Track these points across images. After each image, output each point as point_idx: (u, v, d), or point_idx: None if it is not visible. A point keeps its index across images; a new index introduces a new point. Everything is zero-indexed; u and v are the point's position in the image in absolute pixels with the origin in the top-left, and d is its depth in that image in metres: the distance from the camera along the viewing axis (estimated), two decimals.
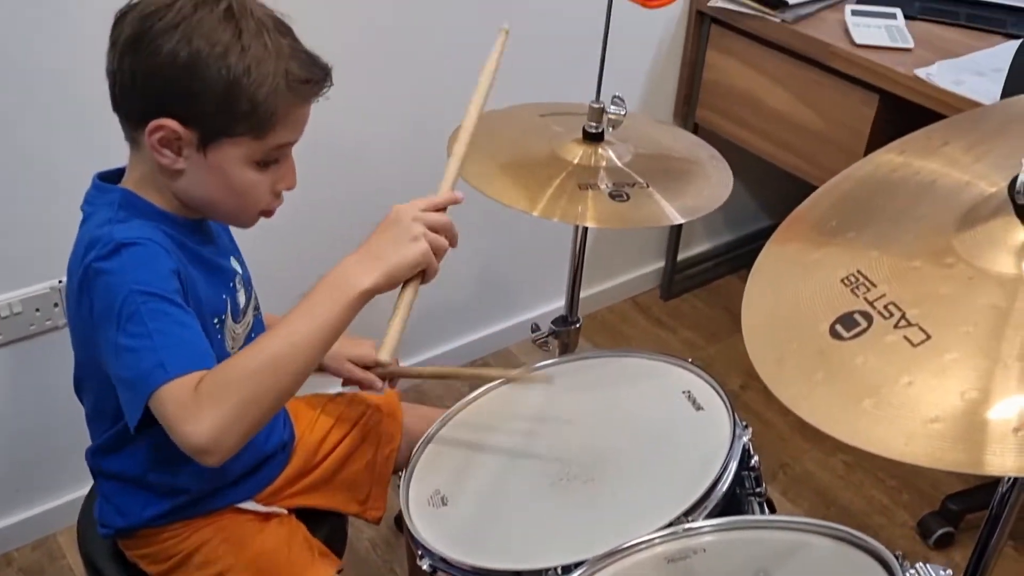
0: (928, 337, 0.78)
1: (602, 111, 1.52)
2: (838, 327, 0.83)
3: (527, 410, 1.42)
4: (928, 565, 1.07)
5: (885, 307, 0.82)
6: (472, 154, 1.47)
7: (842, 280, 0.86)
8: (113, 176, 1.17)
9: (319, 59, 1.14)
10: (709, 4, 2.27)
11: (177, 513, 1.27)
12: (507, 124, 1.61)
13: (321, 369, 1.44)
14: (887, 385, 0.77)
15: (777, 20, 2.15)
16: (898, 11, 2.16)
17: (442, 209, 1.14)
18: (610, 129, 1.53)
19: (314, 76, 1.12)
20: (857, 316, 0.83)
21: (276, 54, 1.08)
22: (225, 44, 1.05)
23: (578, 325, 1.73)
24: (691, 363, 1.43)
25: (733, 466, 1.24)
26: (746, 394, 2.38)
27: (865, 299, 0.84)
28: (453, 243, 1.13)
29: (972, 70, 1.94)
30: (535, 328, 1.71)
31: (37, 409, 1.83)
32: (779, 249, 0.97)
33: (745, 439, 1.28)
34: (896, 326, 0.80)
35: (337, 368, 1.44)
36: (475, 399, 1.45)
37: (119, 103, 1.10)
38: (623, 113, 1.50)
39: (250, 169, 1.12)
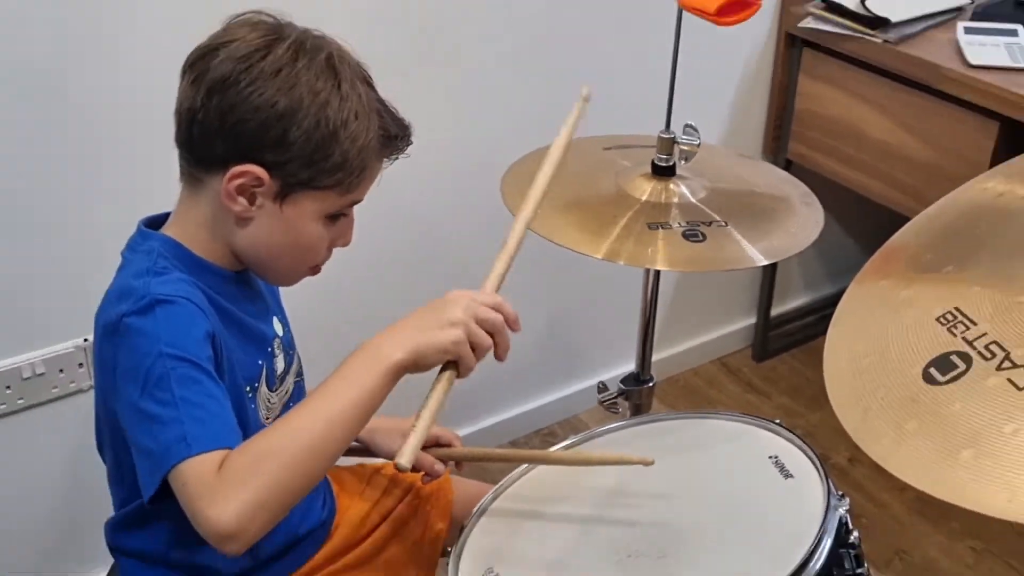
0: None
1: (673, 141, 1.54)
2: (932, 371, 0.83)
3: (589, 479, 1.42)
4: None
5: (986, 347, 0.82)
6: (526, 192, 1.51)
7: (938, 319, 0.87)
8: (159, 221, 1.23)
9: (400, 115, 1.21)
10: (800, 25, 2.30)
11: None
12: (567, 159, 1.64)
13: (371, 452, 1.48)
14: (988, 434, 0.77)
15: (879, 41, 2.17)
16: (1019, 27, 2.16)
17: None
18: (683, 162, 1.55)
19: (399, 132, 1.20)
20: (954, 358, 0.83)
21: (370, 108, 1.16)
22: (326, 96, 1.12)
23: (651, 384, 1.74)
24: (779, 425, 1.42)
25: (828, 542, 1.21)
26: (856, 469, 2.36)
27: (964, 339, 0.84)
28: (500, 351, 1.14)
29: None
30: (602, 388, 1.72)
31: (60, 480, 1.90)
32: (866, 288, 0.98)
33: (842, 511, 1.26)
34: (999, 368, 0.80)
35: (390, 447, 1.46)
36: (531, 468, 1.45)
37: (193, 143, 1.15)
38: (696, 143, 1.52)
39: (319, 223, 1.19)
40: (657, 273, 1.69)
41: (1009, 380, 0.79)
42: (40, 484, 1.89)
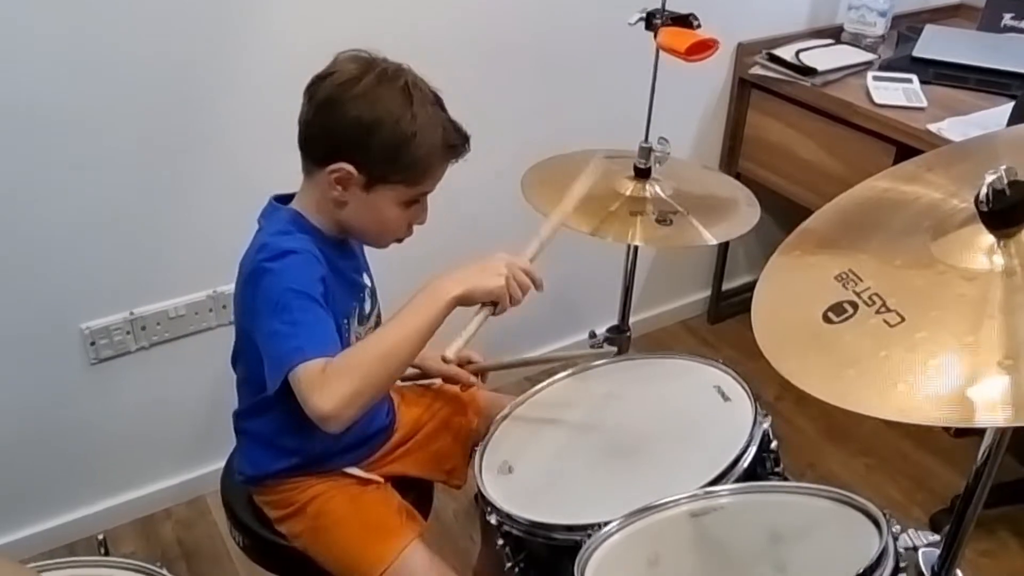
0: (903, 320, 0.80)
1: (649, 150, 1.55)
2: (830, 314, 0.85)
3: (582, 399, 1.45)
4: (919, 531, 1.07)
5: (869, 297, 0.84)
6: (545, 189, 1.53)
7: (835, 277, 0.89)
8: (284, 198, 1.26)
9: (462, 128, 1.22)
10: (750, 72, 2.29)
11: (296, 470, 1.34)
12: (574, 164, 1.64)
13: (427, 375, 1.52)
14: (867, 358, 0.79)
15: (808, 84, 2.16)
16: (914, 76, 2.16)
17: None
18: (657, 165, 1.56)
19: (461, 143, 1.21)
20: (846, 305, 0.85)
21: (435, 123, 1.17)
22: (399, 113, 1.14)
23: (629, 333, 1.74)
24: (722, 363, 1.44)
25: (753, 448, 1.24)
26: (780, 404, 2.36)
27: (854, 291, 0.86)
28: (521, 299, 1.19)
29: (978, 125, 1.92)
30: (592, 335, 1.74)
31: (191, 393, 1.94)
32: (784, 257, 1.00)
33: (765, 426, 1.29)
34: (877, 312, 0.82)
35: (432, 368, 1.50)
36: (540, 390, 1.48)
37: (307, 146, 1.19)
38: (667, 151, 1.53)
39: (397, 208, 1.21)
40: (636, 249, 1.70)
41: (884, 320, 0.81)
42: (179, 393, 1.93)
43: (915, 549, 1.07)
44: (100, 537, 1.21)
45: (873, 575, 0.90)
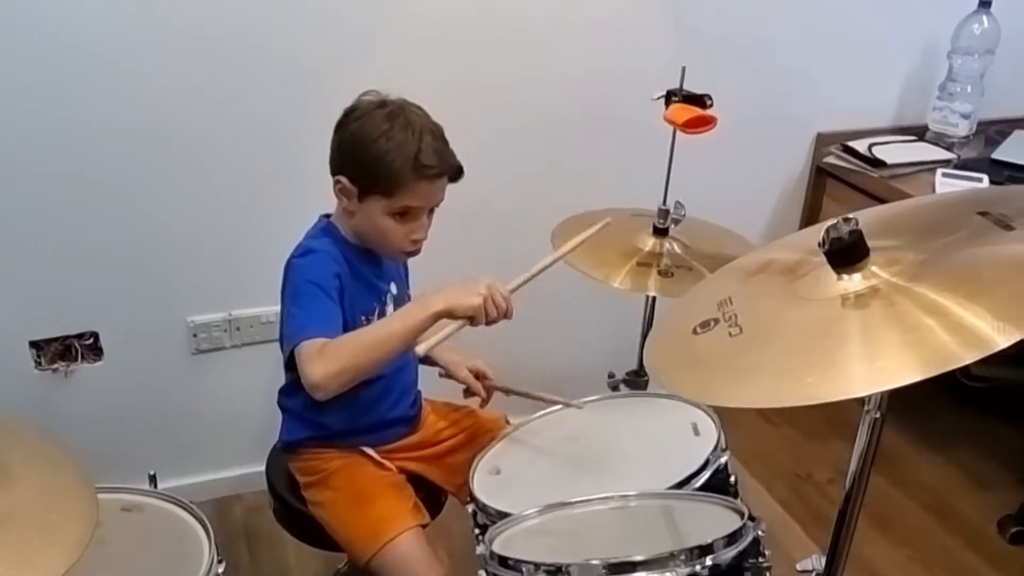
0: (741, 331, 0.98)
1: (667, 211, 1.74)
2: (698, 328, 1.04)
3: (574, 423, 1.65)
4: (820, 557, 1.21)
5: (729, 316, 1.02)
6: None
7: (717, 303, 1.07)
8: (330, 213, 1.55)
9: (451, 157, 1.43)
10: (825, 160, 2.45)
11: (320, 441, 1.58)
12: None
13: (448, 376, 1.71)
14: (711, 359, 0.99)
15: (876, 176, 2.30)
16: (985, 176, 2.24)
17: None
18: (673, 225, 1.75)
19: (436, 165, 1.41)
20: (711, 321, 1.03)
21: (411, 145, 1.39)
22: (380, 133, 1.39)
23: (646, 378, 1.91)
24: (706, 406, 1.59)
25: (705, 474, 1.40)
26: (831, 487, 2.41)
27: (722, 312, 1.04)
28: (497, 318, 1.36)
29: None
30: (611, 375, 1.91)
31: (271, 392, 2.17)
32: (704, 283, 1.18)
33: (723, 459, 1.44)
34: (729, 326, 1.00)
35: (456, 373, 1.70)
36: (540, 417, 1.68)
37: (329, 165, 1.47)
38: (683, 214, 1.71)
39: (388, 218, 1.44)
40: (653, 298, 1.87)
41: (729, 333, 0.99)
42: (261, 390, 2.01)
43: (811, 572, 1.20)
44: (151, 472, 1.51)
45: (728, 546, 1.09)
